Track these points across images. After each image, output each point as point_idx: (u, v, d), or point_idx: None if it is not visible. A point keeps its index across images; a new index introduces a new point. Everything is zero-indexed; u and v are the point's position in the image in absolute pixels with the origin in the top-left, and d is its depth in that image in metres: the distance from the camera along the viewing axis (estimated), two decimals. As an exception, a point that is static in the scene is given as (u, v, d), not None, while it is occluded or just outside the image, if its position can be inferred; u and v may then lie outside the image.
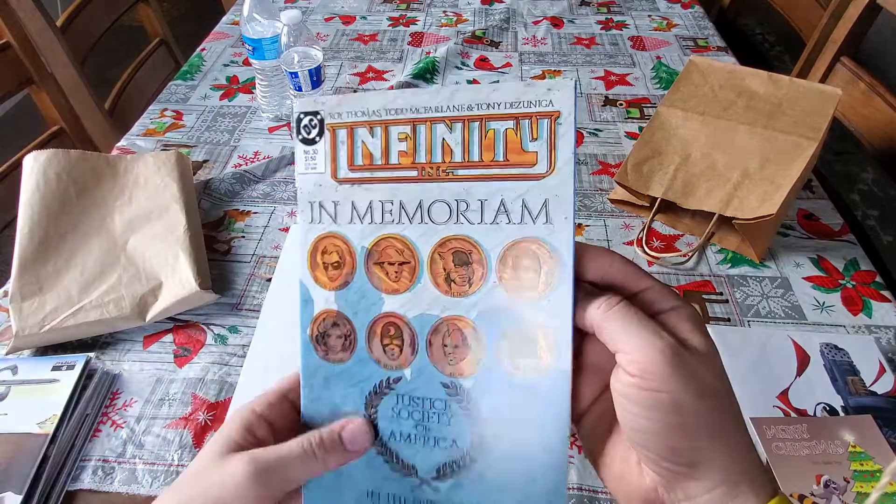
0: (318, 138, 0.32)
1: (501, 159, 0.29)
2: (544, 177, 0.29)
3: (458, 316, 0.30)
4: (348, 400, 0.32)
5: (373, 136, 0.31)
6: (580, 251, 0.28)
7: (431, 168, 0.31)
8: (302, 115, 0.33)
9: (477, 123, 0.30)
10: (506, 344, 0.29)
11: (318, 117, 0.32)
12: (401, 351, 0.31)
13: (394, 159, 0.31)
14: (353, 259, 0.32)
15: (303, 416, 0.32)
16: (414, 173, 0.31)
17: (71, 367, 0.56)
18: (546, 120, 0.28)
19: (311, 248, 0.32)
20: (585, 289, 0.28)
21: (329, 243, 0.32)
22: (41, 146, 0.98)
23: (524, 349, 0.29)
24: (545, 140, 0.28)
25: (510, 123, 0.29)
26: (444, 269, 0.30)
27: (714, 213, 0.66)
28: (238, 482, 0.28)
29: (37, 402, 0.53)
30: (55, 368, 0.56)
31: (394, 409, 0.31)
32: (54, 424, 0.51)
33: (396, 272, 0.31)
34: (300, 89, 0.77)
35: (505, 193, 0.29)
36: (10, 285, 0.61)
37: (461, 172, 0.30)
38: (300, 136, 0.33)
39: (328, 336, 0.32)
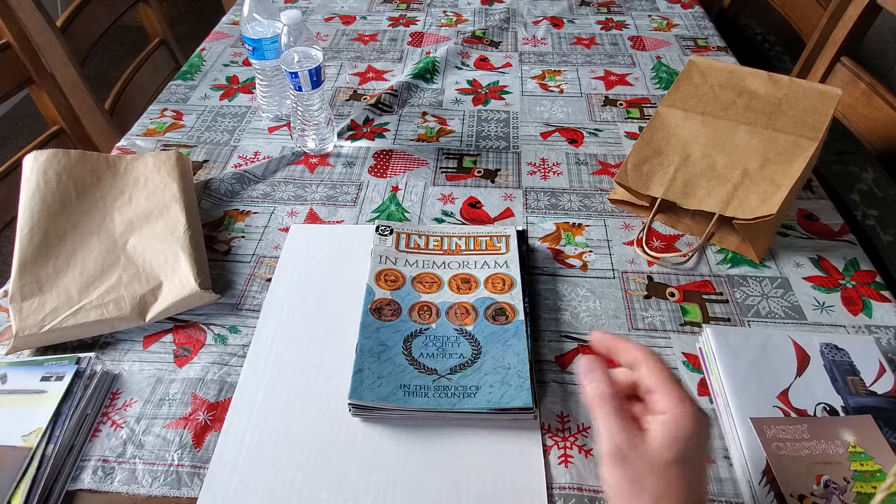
0: (388, 233, 0.66)
1: (484, 248, 0.66)
2: (504, 253, 0.65)
3: (463, 301, 0.60)
4: (392, 339, 0.57)
5: (419, 238, 0.67)
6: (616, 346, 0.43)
7: (450, 251, 0.66)
8: (381, 226, 0.67)
9: (473, 238, 0.67)
10: (490, 311, 0.59)
11: (390, 228, 0.67)
12: (430, 316, 0.59)
13: (430, 246, 0.66)
14: (404, 279, 0.62)
15: (358, 345, 0.56)
16: (440, 251, 0.66)
17: (60, 378, 0.54)
18: (504, 237, 0.67)
19: (378, 272, 0.63)
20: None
21: (389, 272, 0.63)
22: (41, 146, 0.98)
23: (498, 313, 0.59)
24: (504, 242, 0.66)
25: (489, 238, 0.67)
26: (456, 284, 0.62)
27: (714, 213, 0.66)
28: None
29: (23, 413, 0.51)
30: (44, 379, 0.54)
31: (423, 342, 0.57)
32: (38, 437, 0.50)
33: (429, 285, 0.62)
34: (300, 89, 0.77)
35: (487, 258, 0.65)
36: (10, 285, 0.61)
37: (465, 252, 0.66)
38: (378, 230, 0.67)
39: (382, 309, 0.59)
